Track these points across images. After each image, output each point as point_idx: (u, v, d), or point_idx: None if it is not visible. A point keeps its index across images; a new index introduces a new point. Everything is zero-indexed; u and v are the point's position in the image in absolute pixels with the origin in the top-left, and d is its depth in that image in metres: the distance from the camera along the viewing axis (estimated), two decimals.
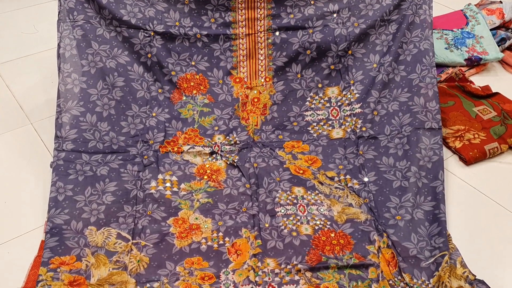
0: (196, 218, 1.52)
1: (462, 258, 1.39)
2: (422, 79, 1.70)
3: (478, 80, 2.14)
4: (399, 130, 1.69)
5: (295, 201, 1.57)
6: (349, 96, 1.80)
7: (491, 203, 1.60)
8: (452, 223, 1.50)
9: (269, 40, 1.83)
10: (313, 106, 1.82)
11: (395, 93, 1.73)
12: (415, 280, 1.34)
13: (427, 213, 1.48)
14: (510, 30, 2.35)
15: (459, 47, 2.21)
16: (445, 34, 2.27)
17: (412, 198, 1.53)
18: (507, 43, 2.27)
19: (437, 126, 1.65)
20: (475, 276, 1.33)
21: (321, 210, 1.54)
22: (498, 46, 2.24)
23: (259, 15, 1.82)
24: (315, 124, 1.80)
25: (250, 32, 1.83)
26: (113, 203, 1.52)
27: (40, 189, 1.63)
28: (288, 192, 1.59)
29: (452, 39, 2.24)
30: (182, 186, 1.62)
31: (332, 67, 1.82)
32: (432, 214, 1.48)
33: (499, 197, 1.62)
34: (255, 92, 1.83)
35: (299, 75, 1.83)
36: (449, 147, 1.81)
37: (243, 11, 1.81)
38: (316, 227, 1.49)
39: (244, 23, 1.82)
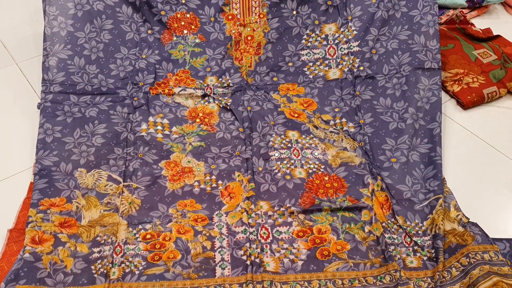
0: (189, 161, 1.49)
1: (456, 201, 1.38)
2: (424, 16, 1.63)
3: (479, 23, 2.07)
4: (397, 70, 1.64)
5: (289, 145, 1.54)
6: (347, 33, 1.73)
7: (487, 147, 1.58)
8: (447, 167, 1.49)
9: None
10: (309, 44, 1.76)
11: (395, 30, 1.67)
12: (408, 223, 1.34)
13: (423, 156, 1.47)
14: None
15: None
16: None
17: (408, 140, 1.50)
18: None
19: (437, 66, 1.60)
20: (469, 219, 1.33)
21: (315, 154, 1.52)
22: None
23: None
24: (311, 64, 1.74)
25: None
26: (103, 145, 1.49)
27: (27, 131, 1.59)
28: (282, 136, 1.56)
29: None
30: (174, 129, 1.58)
31: (329, 2, 1.74)
32: (428, 157, 1.46)
33: (495, 141, 1.60)
34: (249, 29, 1.76)
35: (294, 12, 1.75)
36: (447, 91, 1.77)
37: None
38: (310, 171, 1.47)
39: None
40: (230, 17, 1.76)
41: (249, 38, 1.76)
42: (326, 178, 1.45)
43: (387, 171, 1.46)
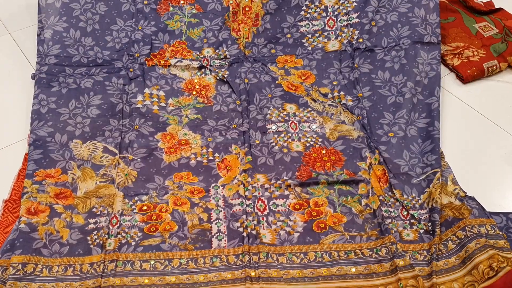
0: (185, 134, 1.48)
1: (453, 175, 1.38)
2: None
3: None
4: (396, 42, 1.62)
5: (286, 118, 1.53)
6: (346, 4, 1.70)
7: (486, 121, 1.57)
8: (445, 141, 1.48)
9: None
10: (308, 15, 1.73)
11: (395, 2, 1.64)
12: (405, 196, 1.33)
13: (421, 130, 1.46)
14: None
15: None
16: None
17: (406, 115, 1.49)
18: None
19: (436, 40, 1.58)
20: (466, 193, 1.33)
21: (313, 127, 1.51)
22: None
23: None
24: (310, 36, 1.72)
25: None
26: (99, 117, 1.48)
27: (21, 101, 1.57)
28: (280, 109, 1.55)
29: None
30: (170, 101, 1.56)
31: None
32: (426, 131, 1.45)
33: (494, 115, 1.59)
34: (247, 0, 1.72)
35: None
36: (446, 65, 1.75)
37: None
38: (307, 144, 1.46)
39: None
40: None
41: (247, 9, 1.72)
42: (324, 152, 1.44)
43: (384, 145, 1.45)
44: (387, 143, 1.45)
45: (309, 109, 1.56)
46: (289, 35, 1.72)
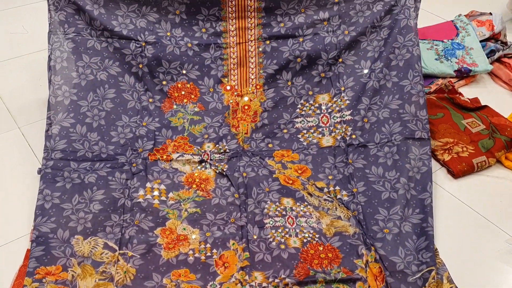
0: (184, 229, 1.51)
1: (448, 273, 1.39)
2: (414, 86, 1.70)
3: (467, 92, 2.15)
4: (389, 138, 1.69)
5: (284, 212, 1.56)
6: (339, 102, 1.80)
7: (478, 217, 1.61)
8: (439, 237, 1.51)
9: (260, 49, 1.83)
10: (303, 112, 1.82)
11: (386, 100, 1.74)
12: None
13: (415, 226, 1.49)
14: (499, 42, 2.36)
15: (449, 58, 2.22)
16: (436, 45, 2.28)
17: (400, 211, 1.53)
18: (496, 55, 2.28)
19: (427, 136, 1.65)
20: None
21: (310, 222, 1.54)
22: (488, 58, 2.26)
23: (249, 25, 1.82)
24: (305, 131, 1.80)
25: (241, 41, 1.83)
26: (101, 212, 1.51)
27: (26, 196, 1.61)
28: (277, 203, 1.59)
29: (442, 50, 2.25)
30: (170, 195, 1.61)
31: (323, 75, 1.82)
32: (420, 227, 1.48)
33: (486, 211, 1.63)
34: (246, 99, 1.83)
35: (289, 83, 1.83)
36: (437, 160, 1.82)
37: (234, 20, 1.82)
38: (305, 240, 1.48)
39: (235, 32, 1.82)
40: (228, 88, 1.84)
41: (246, 107, 1.82)
42: (321, 248, 1.46)
43: (380, 242, 1.47)
44: (382, 239, 1.48)
45: (306, 203, 1.60)
46: (285, 131, 1.80)
